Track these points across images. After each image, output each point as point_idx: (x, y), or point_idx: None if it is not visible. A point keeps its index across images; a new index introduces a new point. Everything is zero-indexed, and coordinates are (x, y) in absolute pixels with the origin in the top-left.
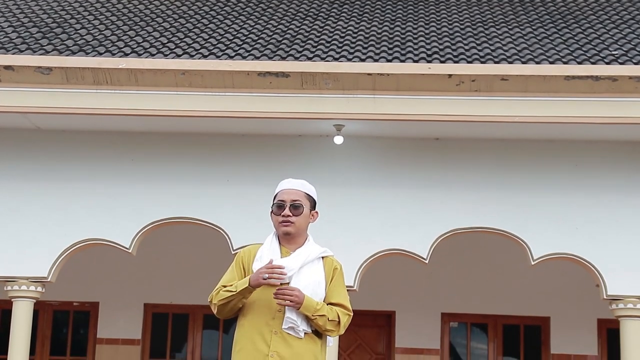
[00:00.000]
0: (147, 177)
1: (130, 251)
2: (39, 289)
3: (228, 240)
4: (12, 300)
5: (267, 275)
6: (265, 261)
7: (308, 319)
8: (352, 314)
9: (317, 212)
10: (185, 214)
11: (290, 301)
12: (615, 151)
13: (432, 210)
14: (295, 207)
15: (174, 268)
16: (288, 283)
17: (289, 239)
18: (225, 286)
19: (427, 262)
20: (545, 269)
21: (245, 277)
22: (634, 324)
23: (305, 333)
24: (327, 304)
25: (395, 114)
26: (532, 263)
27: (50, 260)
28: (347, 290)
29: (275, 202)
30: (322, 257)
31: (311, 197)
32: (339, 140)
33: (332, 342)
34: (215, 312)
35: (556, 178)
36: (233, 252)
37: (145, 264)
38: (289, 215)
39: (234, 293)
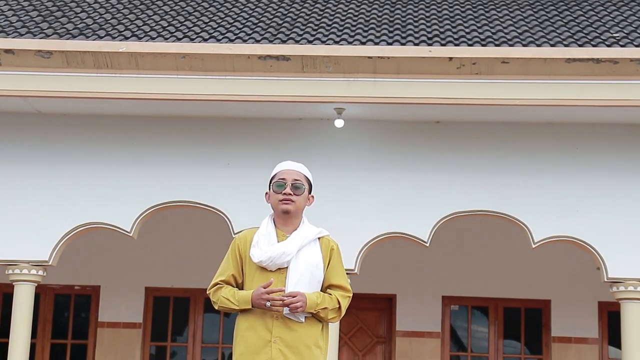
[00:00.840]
0: (147, 161)
1: (131, 235)
2: (40, 272)
3: (228, 223)
4: (14, 283)
5: (269, 303)
6: (262, 246)
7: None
8: (351, 295)
9: (313, 197)
10: (185, 198)
11: (300, 307)
12: (616, 134)
13: (433, 193)
14: (297, 187)
15: (175, 251)
16: (287, 268)
17: (285, 219)
18: (224, 281)
19: (427, 245)
20: (546, 252)
21: (242, 264)
22: (634, 307)
23: (305, 317)
24: (327, 286)
25: (396, 97)
26: (533, 246)
27: (52, 243)
28: (348, 273)
29: (275, 180)
30: (318, 238)
31: (309, 180)
32: (339, 123)
33: None
34: (215, 307)
35: (557, 161)
36: (234, 235)
37: (146, 248)
38: (289, 194)
39: (235, 308)
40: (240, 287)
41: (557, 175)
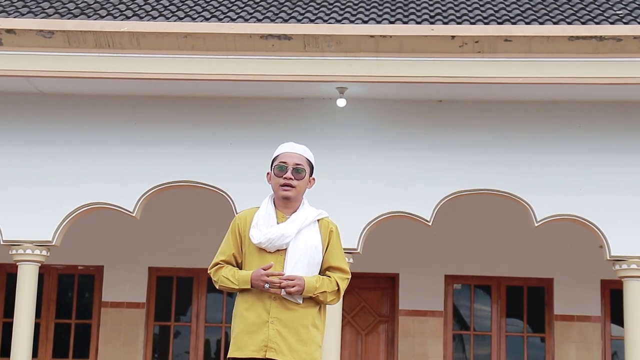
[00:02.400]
0: (150, 141)
1: (134, 215)
2: (44, 252)
3: (231, 203)
4: (17, 264)
5: (267, 285)
6: (262, 228)
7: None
8: (350, 277)
9: (314, 179)
10: (188, 178)
11: (296, 291)
12: (619, 112)
13: (436, 172)
14: (298, 172)
15: (177, 231)
16: (286, 250)
17: (285, 202)
18: (225, 261)
19: (430, 224)
20: (549, 231)
21: (241, 244)
22: (637, 285)
23: (303, 298)
24: (326, 268)
25: (398, 76)
26: (536, 224)
27: (55, 224)
28: (352, 253)
29: (276, 163)
30: (317, 219)
31: (311, 163)
32: (341, 103)
33: None
34: (215, 286)
35: (560, 139)
36: (236, 215)
37: (149, 228)
38: (290, 179)
39: (234, 287)
40: (240, 266)
41: (560, 153)
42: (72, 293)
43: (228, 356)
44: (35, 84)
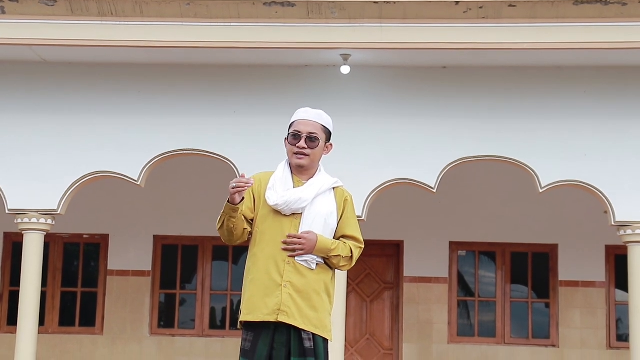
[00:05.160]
0: (154, 109)
1: (138, 183)
2: (49, 221)
3: (236, 171)
4: (23, 232)
5: (234, 184)
6: (278, 190)
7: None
8: (363, 246)
9: (331, 145)
10: (192, 146)
11: (301, 250)
12: (624, 77)
13: (440, 139)
14: (312, 140)
15: (182, 200)
16: (301, 214)
17: (301, 170)
18: None
19: (435, 191)
20: (554, 196)
21: (254, 205)
22: None
23: (317, 263)
24: (340, 237)
25: (402, 42)
26: (540, 190)
27: (60, 192)
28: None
29: (291, 131)
30: (333, 188)
31: (327, 129)
32: (345, 70)
33: None
34: (223, 239)
35: (565, 105)
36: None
37: (154, 196)
38: (304, 147)
39: (222, 212)
40: (250, 224)
41: (565, 119)
42: (77, 261)
43: (240, 320)
44: (39, 53)
